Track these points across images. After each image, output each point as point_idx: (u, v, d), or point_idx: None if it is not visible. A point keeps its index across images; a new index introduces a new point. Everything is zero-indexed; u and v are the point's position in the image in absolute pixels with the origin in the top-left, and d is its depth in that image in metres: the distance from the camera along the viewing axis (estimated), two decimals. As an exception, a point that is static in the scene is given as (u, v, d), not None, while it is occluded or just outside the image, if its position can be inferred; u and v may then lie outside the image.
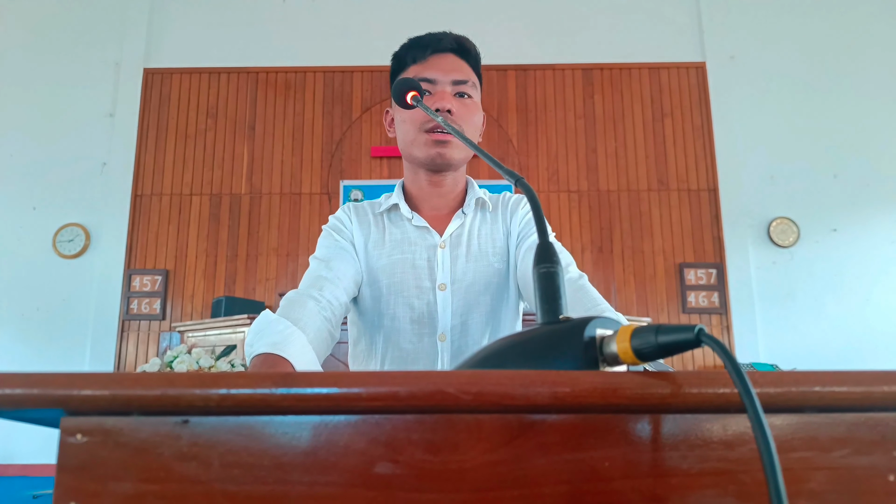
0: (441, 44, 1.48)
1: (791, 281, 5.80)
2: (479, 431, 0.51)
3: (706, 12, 6.26)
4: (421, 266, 1.45)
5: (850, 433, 0.54)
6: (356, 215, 1.54)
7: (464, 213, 1.52)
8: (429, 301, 1.43)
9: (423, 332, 1.42)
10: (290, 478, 0.50)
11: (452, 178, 1.52)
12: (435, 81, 1.45)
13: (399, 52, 1.53)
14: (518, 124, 6.09)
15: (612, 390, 0.50)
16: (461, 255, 1.47)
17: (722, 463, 0.52)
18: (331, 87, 6.19)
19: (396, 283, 1.44)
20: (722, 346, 0.47)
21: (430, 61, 1.47)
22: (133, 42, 6.21)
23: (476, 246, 1.49)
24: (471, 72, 1.50)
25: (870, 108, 6.06)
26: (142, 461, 0.50)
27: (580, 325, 0.56)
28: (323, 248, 1.48)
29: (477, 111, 1.49)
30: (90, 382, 0.49)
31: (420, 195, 1.53)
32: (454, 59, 1.48)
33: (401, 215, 1.51)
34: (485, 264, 1.47)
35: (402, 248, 1.47)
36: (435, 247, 1.47)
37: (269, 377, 0.50)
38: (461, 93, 1.47)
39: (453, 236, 1.49)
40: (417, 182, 1.53)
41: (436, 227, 1.49)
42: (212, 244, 5.87)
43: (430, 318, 1.43)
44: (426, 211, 1.53)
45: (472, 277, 1.45)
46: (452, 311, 1.43)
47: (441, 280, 1.44)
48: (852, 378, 0.52)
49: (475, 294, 1.44)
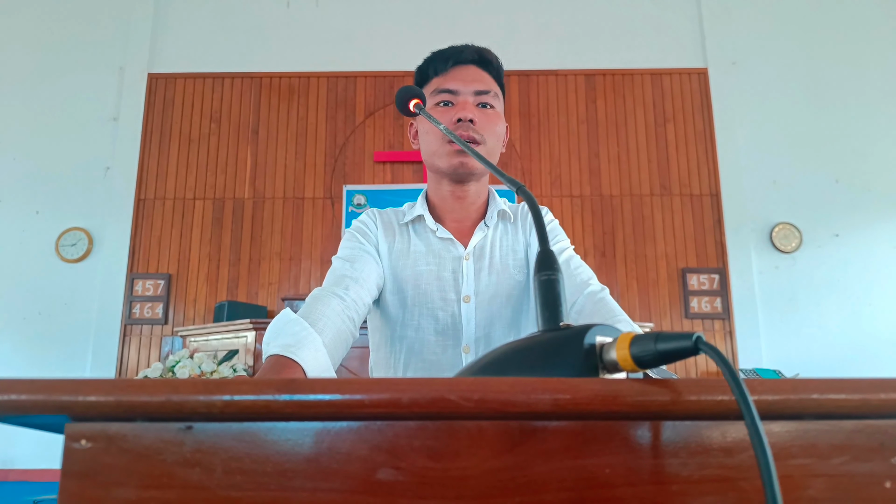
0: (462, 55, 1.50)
1: (793, 286, 5.79)
2: (481, 438, 0.51)
3: (708, 18, 6.26)
4: (446, 278, 1.46)
5: (848, 440, 0.54)
6: (381, 222, 1.54)
7: (486, 225, 1.53)
8: (453, 313, 1.44)
9: (447, 343, 1.43)
10: (292, 484, 0.50)
11: (475, 188, 1.53)
12: (457, 92, 1.46)
13: (422, 66, 1.55)
14: (521, 129, 6.10)
15: (613, 397, 0.50)
16: (484, 268, 1.48)
17: (722, 470, 0.52)
18: (334, 91, 6.20)
19: (422, 294, 1.45)
20: (719, 355, 0.47)
21: (452, 73, 1.49)
22: (137, 47, 6.22)
23: (498, 258, 1.50)
24: (493, 82, 1.51)
25: (871, 112, 6.05)
26: (145, 467, 0.50)
27: (580, 332, 0.57)
28: (347, 249, 1.48)
29: (499, 121, 1.50)
30: (95, 388, 0.50)
31: (443, 206, 1.54)
32: (476, 71, 1.50)
33: (425, 226, 1.52)
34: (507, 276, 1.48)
35: (427, 259, 1.48)
36: (460, 259, 1.48)
37: (273, 384, 0.50)
38: (483, 103, 1.48)
39: (477, 248, 1.50)
40: (440, 192, 1.54)
41: (459, 239, 1.51)
42: (214, 248, 5.88)
43: (455, 329, 1.44)
44: (450, 222, 1.54)
45: (494, 290, 1.46)
46: (476, 323, 1.44)
47: (466, 292, 1.45)
48: (850, 385, 0.53)
49: (498, 306, 1.45)
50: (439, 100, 1.48)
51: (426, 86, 1.52)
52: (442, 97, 1.47)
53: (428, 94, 1.49)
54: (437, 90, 1.48)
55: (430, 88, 1.50)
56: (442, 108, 1.47)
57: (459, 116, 1.42)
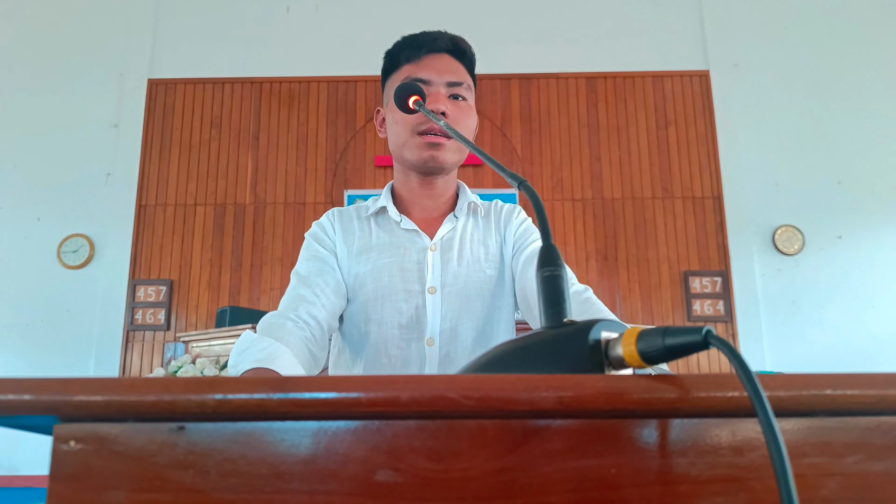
0: (436, 44, 1.47)
1: (796, 288, 5.78)
2: (483, 438, 0.50)
3: (709, 20, 6.26)
4: (410, 269, 1.41)
5: (863, 438, 0.52)
6: (339, 221, 1.50)
7: (455, 216, 1.49)
8: (417, 305, 1.39)
9: (410, 336, 1.38)
10: (288, 486, 0.49)
11: (444, 181, 1.49)
12: (429, 82, 1.42)
13: (392, 51, 1.51)
14: (522, 133, 6.09)
15: (618, 394, 0.49)
16: (453, 259, 1.43)
17: (732, 469, 0.50)
18: (334, 96, 6.20)
19: (384, 286, 1.39)
20: (731, 348, 0.46)
21: (425, 61, 1.45)
22: (137, 53, 6.23)
23: (468, 251, 1.45)
24: (466, 73, 1.48)
25: (874, 114, 6.04)
26: (137, 469, 0.49)
27: (584, 328, 0.55)
28: (303, 262, 1.44)
29: (471, 113, 1.47)
30: (84, 388, 0.48)
31: (410, 198, 1.50)
32: (449, 60, 1.47)
33: (389, 218, 1.48)
34: (477, 269, 1.43)
35: (390, 251, 1.43)
36: (425, 250, 1.43)
37: (267, 382, 0.48)
38: (455, 95, 1.44)
39: (444, 239, 1.46)
40: (408, 184, 1.50)
41: (425, 230, 1.46)
42: (216, 254, 5.87)
43: (419, 322, 1.38)
44: (416, 213, 1.49)
45: (463, 282, 1.41)
46: (442, 316, 1.39)
47: (431, 283, 1.40)
48: (865, 381, 0.51)
49: (466, 299, 1.40)
50: None
51: (396, 72, 1.48)
52: None
53: (398, 82, 1.44)
54: (408, 78, 1.43)
55: (401, 76, 1.45)
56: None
57: (431, 108, 1.37)
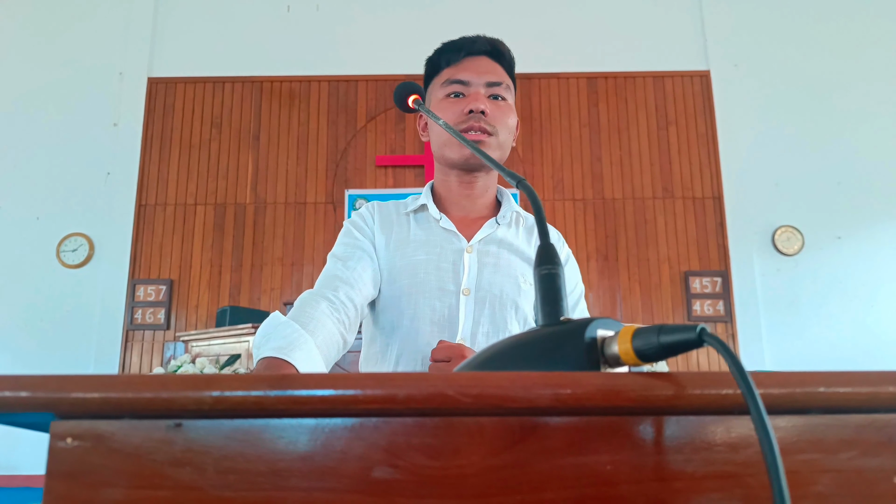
0: (475, 46, 1.48)
1: (796, 289, 5.78)
2: (481, 435, 0.50)
3: (710, 20, 6.26)
4: (445, 269, 1.42)
5: (856, 435, 0.52)
6: (380, 214, 1.51)
7: (497, 222, 1.49)
8: (451, 304, 1.39)
9: (441, 335, 1.38)
10: (286, 484, 0.49)
11: (484, 181, 1.50)
12: (469, 83, 1.44)
13: (432, 57, 1.52)
14: (523, 133, 6.09)
15: (615, 392, 0.49)
16: (489, 265, 1.43)
17: (727, 466, 0.51)
18: (335, 96, 6.20)
19: (419, 282, 1.40)
20: (724, 346, 0.46)
21: (464, 63, 1.46)
22: (137, 51, 6.23)
23: (506, 260, 1.45)
24: (504, 74, 1.49)
25: (874, 115, 6.04)
26: (134, 466, 0.49)
27: (581, 326, 0.55)
28: (341, 246, 1.45)
29: (511, 113, 1.48)
30: (80, 385, 0.48)
31: (449, 197, 1.51)
32: (488, 62, 1.48)
33: (428, 216, 1.49)
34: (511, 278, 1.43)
35: (426, 248, 1.44)
36: (461, 251, 1.44)
37: (264, 379, 0.49)
38: (495, 95, 1.45)
39: (482, 242, 1.46)
40: (447, 183, 1.51)
41: (463, 232, 1.47)
42: (216, 254, 5.87)
43: (451, 321, 1.38)
44: (454, 213, 1.50)
45: (499, 290, 1.41)
46: (474, 319, 1.39)
47: (466, 285, 1.40)
48: (858, 378, 0.51)
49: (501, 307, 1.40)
50: (450, 90, 1.45)
51: (437, 76, 1.49)
52: (453, 88, 1.44)
53: (439, 85, 1.47)
54: (448, 80, 1.45)
55: (442, 79, 1.47)
56: (453, 99, 1.44)
57: (471, 107, 1.39)
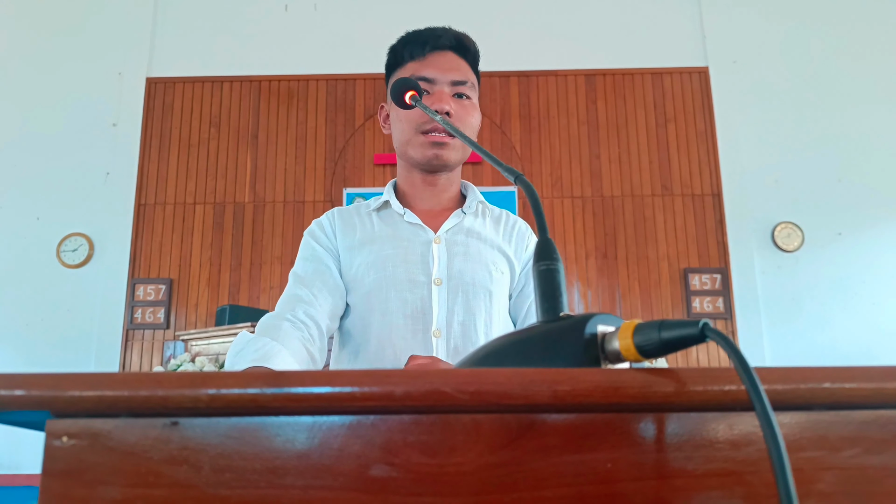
0: (440, 41, 1.47)
1: (796, 286, 5.77)
2: (478, 433, 0.49)
3: (708, 17, 6.25)
4: (413, 261, 1.41)
5: (860, 431, 0.52)
6: (340, 218, 1.50)
7: (463, 212, 1.49)
8: (423, 296, 1.38)
9: (416, 327, 1.37)
10: (283, 481, 0.48)
11: (447, 177, 1.50)
12: (433, 81, 1.42)
13: (396, 46, 1.51)
14: (521, 131, 6.08)
15: (615, 388, 0.48)
16: (459, 254, 1.43)
17: (728, 463, 0.50)
18: (334, 95, 6.19)
19: (388, 276, 1.39)
20: (728, 341, 0.46)
21: (429, 59, 1.45)
22: (136, 51, 6.22)
23: (476, 248, 1.45)
24: (469, 71, 1.48)
25: (874, 110, 6.03)
26: (130, 465, 0.48)
27: (581, 321, 0.55)
28: (300, 262, 1.44)
29: (475, 112, 1.47)
30: (76, 383, 0.48)
31: (413, 193, 1.50)
32: (453, 58, 1.46)
33: (392, 212, 1.48)
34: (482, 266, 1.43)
35: (393, 242, 1.43)
36: (429, 242, 1.43)
37: (260, 377, 0.48)
38: (459, 93, 1.44)
39: (450, 233, 1.46)
40: (411, 180, 1.50)
41: (429, 224, 1.46)
42: (216, 253, 5.87)
43: (424, 313, 1.37)
44: (419, 208, 1.50)
45: (470, 277, 1.41)
46: (448, 309, 1.38)
47: (437, 275, 1.40)
48: (863, 374, 0.51)
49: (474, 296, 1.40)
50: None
51: (401, 69, 1.48)
52: None
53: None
54: (412, 77, 1.42)
55: (405, 73, 1.45)
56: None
57: (436, 108, 1.37)
